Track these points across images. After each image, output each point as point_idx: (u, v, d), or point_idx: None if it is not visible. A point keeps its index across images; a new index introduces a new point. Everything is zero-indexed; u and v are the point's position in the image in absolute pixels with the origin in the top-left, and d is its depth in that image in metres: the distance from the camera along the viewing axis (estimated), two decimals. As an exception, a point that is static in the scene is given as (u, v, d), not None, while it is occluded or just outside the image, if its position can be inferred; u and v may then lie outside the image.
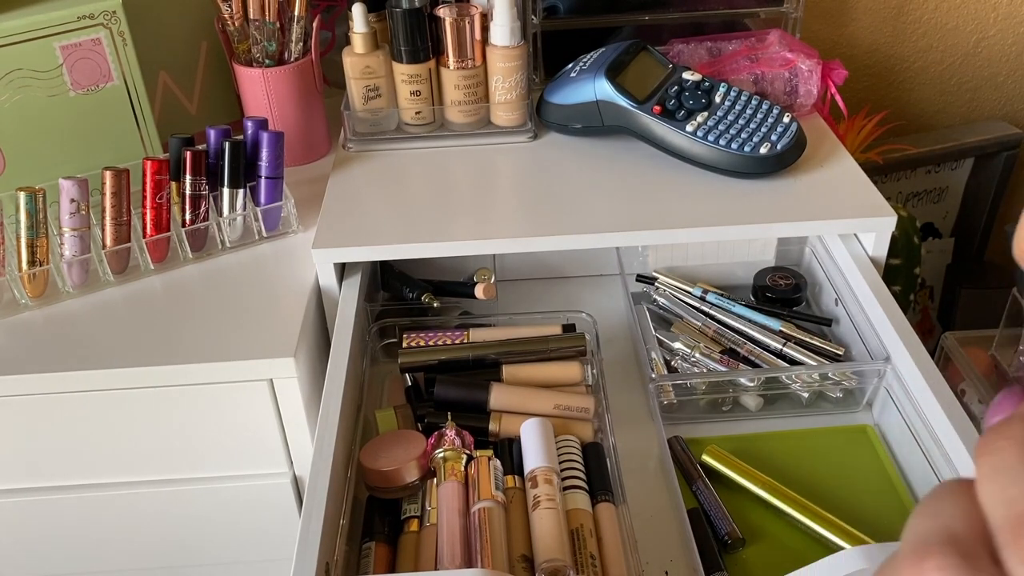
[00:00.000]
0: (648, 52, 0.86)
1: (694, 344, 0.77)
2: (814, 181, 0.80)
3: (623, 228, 0.75)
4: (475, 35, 0.84)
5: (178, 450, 0.73)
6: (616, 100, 0.81)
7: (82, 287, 0.75)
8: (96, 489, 0.75)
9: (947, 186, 1.28)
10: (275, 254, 0.80)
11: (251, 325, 0.71)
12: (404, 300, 0.84)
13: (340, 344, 0.71)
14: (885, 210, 0.76)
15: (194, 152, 0.75)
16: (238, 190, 0.78)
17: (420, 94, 0.86)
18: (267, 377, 0.69)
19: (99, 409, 0.70)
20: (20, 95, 0.77)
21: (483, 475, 0.63)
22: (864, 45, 1.21)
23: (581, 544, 0.60)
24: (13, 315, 0.73)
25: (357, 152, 0.89)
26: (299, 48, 0.87)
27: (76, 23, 0.76)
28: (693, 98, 0.81)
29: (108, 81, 0.80)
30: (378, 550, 0.62)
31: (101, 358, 0.69)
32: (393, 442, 0.67)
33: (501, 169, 0.86)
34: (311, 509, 0.56)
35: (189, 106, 0.93)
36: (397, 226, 0.77)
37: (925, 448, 0.65)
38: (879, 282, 0.75)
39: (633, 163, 0.84)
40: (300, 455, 0.74)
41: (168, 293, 0.76)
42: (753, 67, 0.89)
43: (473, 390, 0.72)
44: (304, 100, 0.89)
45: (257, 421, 0.71)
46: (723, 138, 0.78)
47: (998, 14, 1.19)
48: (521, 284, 0.92)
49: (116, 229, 0.75)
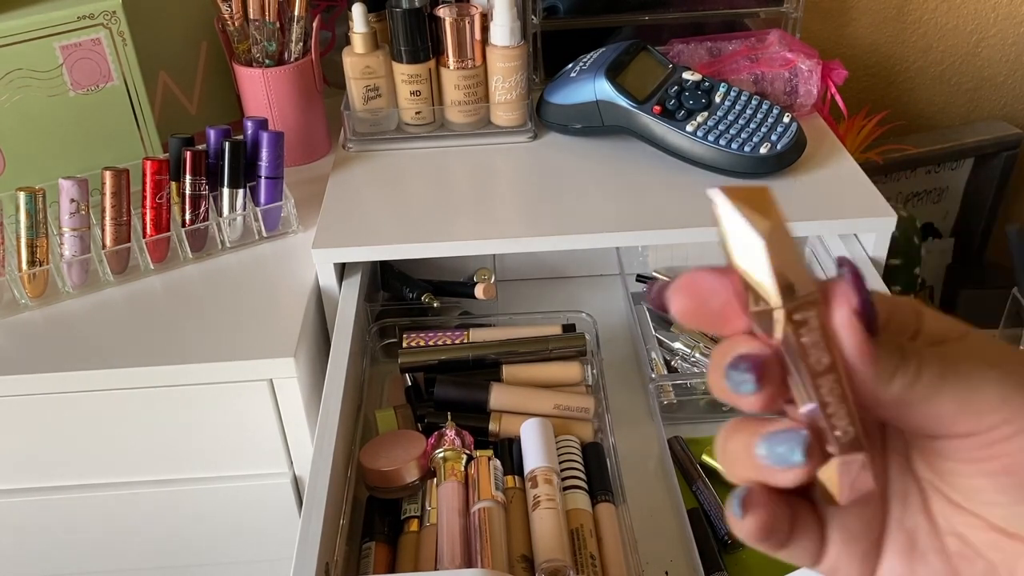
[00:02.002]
0: (648, 52, 0.86)
1: (694, 344, 0.77)
2: (814, 181, 0.80)
3: (623, 228, 0.75)
4: (475, 35, 0.84)
5: (178, 450, 0.73)
6: (616, 100, 0.81)
7: (82, 287, 0.75)
8: (95, 489, 0.75)
9: (947, 186, 1.28)
10: (275, 254, 0.80)
11: (251, 325, 0.71)
12: (404, 300, 0.84)
13: (340, 344, 0.71)
14: (885, 210, 0.76)
15: (194, 152, 0.75)
16: (238, 190, 0.78)
17: (420, 94, 0.86)
18: (267, 377, 0.69)
19: (99, 409, 0.70)
20: (20, 95, 0.77)
21: (483, 475, 0.63)
22: (864, 45, 1.21)
23: (581, 544, 0.60)
24: (13, 315, 0.73)
25: (357, 152, 0.89)
26: (299, 48, 0.87)
27: (76, 23, 0.76)
28: (693, 98, 0.81)
29: (108, 81, 0.80)
30: (378, 550, 0.62)
31: (101, 358, 0.69)
32: (393, 442, 0.67)
33: (501, 169, 0.86)
34: (311, 509, 0.56)
35: (189, 106, 0.93)
36: (397, 226, 0.77)
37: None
38: (879, 282, 0.75)
39: (633, 163, 0.84)
40: (300, 455, 0.74)
41: (168, 293, 0.76)
42: (753, 67, 0.89)
43: (473, 390, 0.72)
44: (304, 100, 0.89)
45: (257, 421, 0.71)
46: (723, 138, 0.78)
47: (998, 14, 1.19)
48: (521, 284, 0.92)
49: (116, 229, 0.75)
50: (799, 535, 0.27)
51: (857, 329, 0.25)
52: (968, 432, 0.25)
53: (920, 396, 0.25)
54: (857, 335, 0.25)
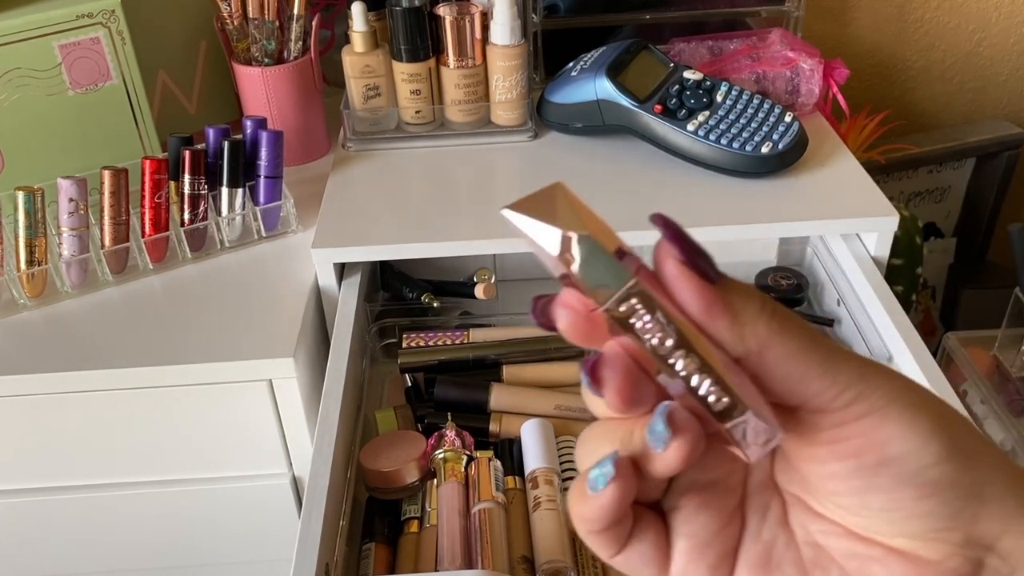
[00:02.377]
0: (649, 51, 0.86)
1: (695, 344, 0.77)
2: (816, 181, 0.80)
3: (624, 228, 0.73)
4: (475, 34, 0.83)
5: (177, 450, 0.73)
6: (617, 99, 0.81)
7: (81, 287, 0.75)
8: (94, 490, 0.75)
9: (949, 186, 1.28)
10: (274, 254, 0.80)
11: (250, 325, 0.71)
12: (404, 300, 0.84)
13: (340, 344, 0.70)
14: (887, 210, 0.75)
15: (193, 151, 0.75)
16: (237, 189, 0.78)
17: (420, 93, 0.86)
18: (266, 377, 0.69)
19: (97, 409, 0.70)
20: (19, 94, 0.76)
21: (483, 476, 0.63)
22: (866, 44, 1.20)
23: (582, 545, 0.60)
24: (11, 315, 0.73)
25: (357, 151, 0.88)
26: (298, 47, 0.87)
27: (75, 22, 0.76)
28: (694, 97, 0.80)
29: (107, 80, 0.80)
30: (378, 551, 0.62)
31: (100, 358, 0.68)
32: (393, 443, 0.67)
33: (501, 169, 0.86)
34: (311, 510, 0.56)
35: (188, 105, 0.93)
36: (397, 226, 0.77)
37: (927, 449, 0.65)
38: (881, 282, 0.74)
39: (634, 163, 0.83)
40: (299, 456, 0.74)
41: (167, 293, 0.76)
42: (755, 66, 0.88)
43: (473, 390, 0.71)
44: (303, 99, 0.89)
45: (256, 421, 0.71)
46: (724, 137, 0.78)
47: (1000, 13, 1.19)
48: (521, 284, 0.92)
49: (115, 229, 0.75)
50: (640, 536, 0.27)
51: (690, 276, 0.24)
52: (827, 401, 0.25)
53: (784, 335, 0.25)
54: (691, 282, 0.24)
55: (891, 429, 0.25)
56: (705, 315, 0.24)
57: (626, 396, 0.25)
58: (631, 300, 0.24)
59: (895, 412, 0.25)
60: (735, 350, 0.25)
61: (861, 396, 0.25)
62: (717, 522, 0.28)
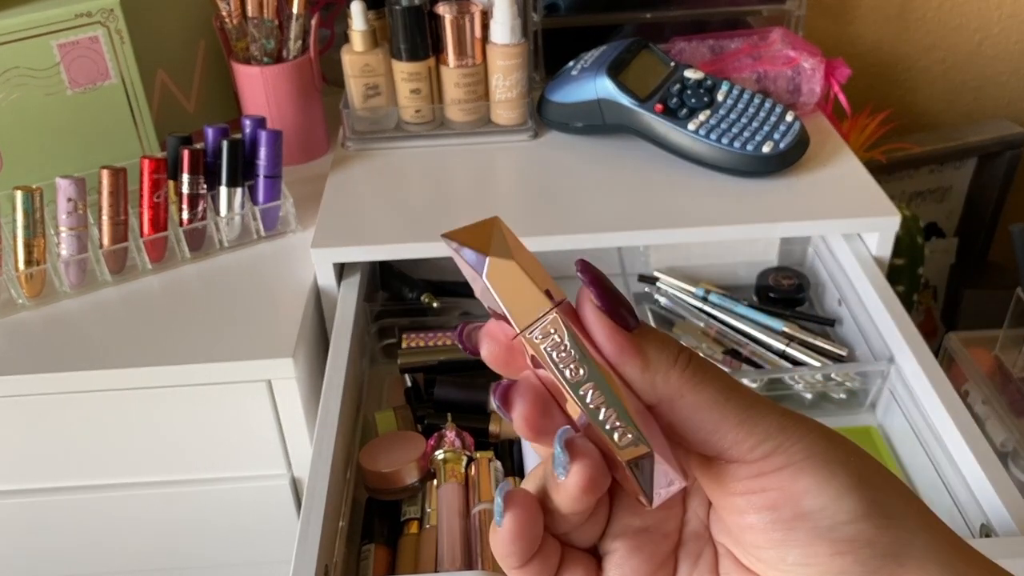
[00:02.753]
0: (650, 50, 0.85)
1: (696, 345, 0.77)
2: (817, 180, 0.80)
3: (624, 228, 0.74)
4: (475, 33, 0.83)
5: (176, 451, 0.73)
6: (618, 98, 0.81)
7: (79, 287, 0.75)
8: (93, 490, 0.75)
9: (950, 185, 1.27)
10: (274, 254, 0.79)
11: (249, 325, 0.71)
12: (404, 300, 0.83)
13: (339, 344, 0.70)
14: (889, 210, 0.75)
15: (192, 151, 0.75)
16: (236, 189, 0.78)
17: (420, 92, 0.86)
18: (265, 378, 0.69)
19: (96, 410, 0.70)
20: (17, 93, 0.76)
21: (484, 476, 0.62)
22: (867, 43, 1.20)
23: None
24: (10, 315, 0.73)
25: (356, 151, 0.88)
26: (298, 46, 0.87)
27: (74, 21, 0.76)
28: (695, 96, 0.80)
29: (106, 79, 0.79)
30: (377, 552, 0.61)
31: (98, 358, 0.68)
32: (393, 443, 0.67)
33: (501, 168, 0.86)
34: (310, 511, 0.55)
35: (187, 104, 0.93)
36: (397, 226, 0.77)
37: (928, 449, 0.65)
38: (883, 282, 0.74)
39: (635, 162, 0.83)
40: (299, 456, 0.73)
41: (166, 293, 0.75)
42: (756, 65, 0.88)
43: (473, 391, 0.71)
44: (303, 98, 0.88)
45: (255, 422, 0.71)
46: (725, 137, 0.78)
47: (1002, 12, 1.18)
48: (522, 284, 0.92)
49: (113, 228, 0.74)
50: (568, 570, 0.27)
51: (605, 323, 0.25)
52: (744, 452, 0.25)
53: (697, 386, 0.25)
54: (606, 327, 0.25)
55: (806, 482, 0.25)
56: (617, 359, 0.25)
57: (532, 422, 0.26)
58: (548, 329, 0.26)
59: (811, 466, 0.25)
60: (648, 397, 0.26)
61: (779, 448, 0.25)
62: (649, 566, 0.28)
